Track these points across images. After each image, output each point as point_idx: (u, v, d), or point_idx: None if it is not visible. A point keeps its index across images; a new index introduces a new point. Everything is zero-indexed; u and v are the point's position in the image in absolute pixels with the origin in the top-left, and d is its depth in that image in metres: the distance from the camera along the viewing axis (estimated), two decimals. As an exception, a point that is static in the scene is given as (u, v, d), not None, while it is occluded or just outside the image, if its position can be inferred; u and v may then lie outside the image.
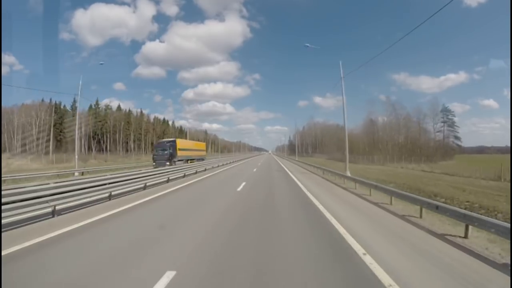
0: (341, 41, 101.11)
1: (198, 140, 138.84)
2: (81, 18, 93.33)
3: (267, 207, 8.55)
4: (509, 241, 4.19)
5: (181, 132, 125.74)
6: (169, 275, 3.51)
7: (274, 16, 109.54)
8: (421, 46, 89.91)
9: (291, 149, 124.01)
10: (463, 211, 5.61)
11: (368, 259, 4.10)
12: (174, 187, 13.20)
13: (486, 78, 69.79)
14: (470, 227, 5.30)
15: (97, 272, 3.72)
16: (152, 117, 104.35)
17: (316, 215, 7.35)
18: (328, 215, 7.18)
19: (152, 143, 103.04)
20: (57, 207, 6.84)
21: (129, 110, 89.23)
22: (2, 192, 5.80)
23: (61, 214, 7.02)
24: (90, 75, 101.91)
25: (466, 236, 5.30)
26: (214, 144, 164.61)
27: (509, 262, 4.06)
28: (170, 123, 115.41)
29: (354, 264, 4.01)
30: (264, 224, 6.38)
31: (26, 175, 18.60)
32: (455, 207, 6.30)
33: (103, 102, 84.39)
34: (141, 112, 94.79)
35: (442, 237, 5.45)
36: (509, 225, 4.27)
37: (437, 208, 6.23)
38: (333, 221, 6.47)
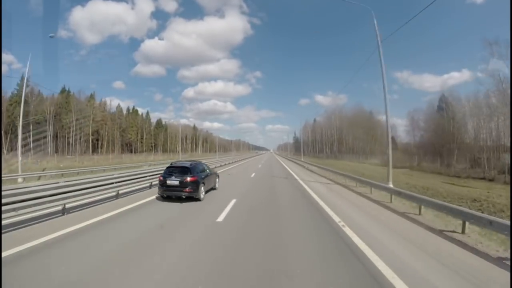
0: (343, 36, 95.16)
1: (185, 138, 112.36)
2: (79, 15, 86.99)
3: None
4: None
5: (160, 127, 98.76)
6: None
7: (275, 12, 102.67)
8: (424, 44, 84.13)
9: (297, 148, 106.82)
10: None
11: None
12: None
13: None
14: None
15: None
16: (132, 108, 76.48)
17: None
18: None
19: (112, 141, 75.98)
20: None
21: (69, 91, 61.38)
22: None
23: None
24: (89, 74, 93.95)
25: None
26: (207, 143, 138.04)
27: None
28: (144, 113, 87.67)
29: None
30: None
31: None
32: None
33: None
34: (91, 95, 67.35)
35: None
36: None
37: None
38: None
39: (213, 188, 10.28)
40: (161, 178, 8.53)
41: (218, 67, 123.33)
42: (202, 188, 8.66)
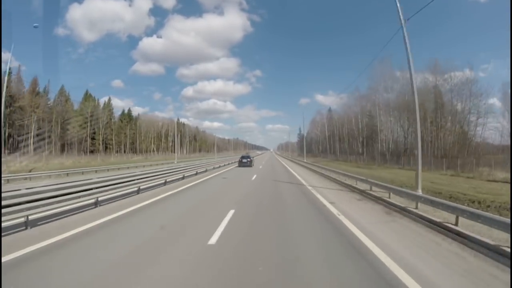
0: (344, 37, 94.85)
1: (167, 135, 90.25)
2: (76, 12, 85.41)
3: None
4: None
5: (126, 119, 76.60)
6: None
7: (275, 8, 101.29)
8: (425, 43, 66.04)
9: (302, 147, 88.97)
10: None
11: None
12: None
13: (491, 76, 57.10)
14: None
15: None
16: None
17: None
18: None
19: (47, 136, 53.48)
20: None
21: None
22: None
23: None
24: (87, 73, 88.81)
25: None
26: (196, 141, 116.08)
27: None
28: (102, 100, 64.95)
29: None
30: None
31: None
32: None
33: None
34: (8, 72, 45.03)
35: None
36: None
37: None
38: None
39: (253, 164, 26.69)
40: (240, 159, 27.17)
41: (217, 66, 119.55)
42: (253, 163, 27.50)
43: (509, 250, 3.77)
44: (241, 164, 26.00)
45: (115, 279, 3.08)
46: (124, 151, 67.69)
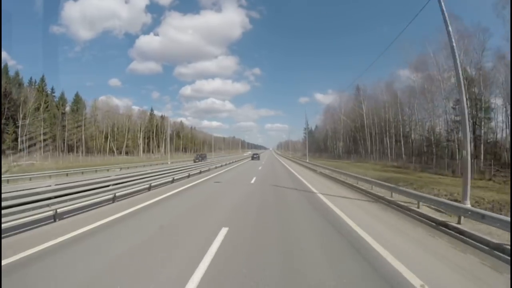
0: (345, 37, 79.62)
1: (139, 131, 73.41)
2: (71, 10, 79.77)
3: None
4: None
5: (73, 106, 56.60)
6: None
7: (275, 5, 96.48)
8: (428, 40, 33.41)
9: (309, 146, 72.23)
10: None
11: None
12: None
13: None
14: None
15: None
16: None
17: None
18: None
19: None
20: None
21: None
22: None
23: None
24: (84, 72, 76.97)
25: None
26: (180, 138, 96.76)
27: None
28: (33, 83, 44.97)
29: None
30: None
31: None
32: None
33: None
34: None
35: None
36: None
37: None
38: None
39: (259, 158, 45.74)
40: (252, 155, 49.51)
41: (215, 64, 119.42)
42: (259, 157, 49.31)
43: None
44: (253, 158, 44.42)
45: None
46: (67, 151, 48.39)
